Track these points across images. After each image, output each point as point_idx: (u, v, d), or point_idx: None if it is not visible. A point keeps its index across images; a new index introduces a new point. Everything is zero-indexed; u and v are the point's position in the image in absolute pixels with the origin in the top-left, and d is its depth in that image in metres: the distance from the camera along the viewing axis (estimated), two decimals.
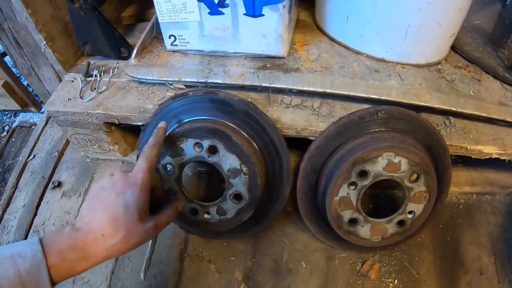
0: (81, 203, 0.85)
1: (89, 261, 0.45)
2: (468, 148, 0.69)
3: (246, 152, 0.59)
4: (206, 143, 0.60)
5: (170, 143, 0.61)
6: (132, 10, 0.96)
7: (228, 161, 0.61)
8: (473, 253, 0.77)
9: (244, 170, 0.61)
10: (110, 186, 0.49)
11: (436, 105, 0.67)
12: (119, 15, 0.95)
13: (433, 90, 0.68)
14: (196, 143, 0.61)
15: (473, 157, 0.71)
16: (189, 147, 0.61)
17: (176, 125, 0.64)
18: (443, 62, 0.75)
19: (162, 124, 0.59)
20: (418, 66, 0.71)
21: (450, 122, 0.70)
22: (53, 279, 0.42)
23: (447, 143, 0.67)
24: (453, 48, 0.79)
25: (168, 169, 0.64)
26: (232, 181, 0.62)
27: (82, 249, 0.44)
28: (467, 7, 0.66)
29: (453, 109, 0.67)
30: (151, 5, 0.96)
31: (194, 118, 0.63)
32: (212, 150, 0.61)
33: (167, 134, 0.63)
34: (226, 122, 0.63)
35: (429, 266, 0.75)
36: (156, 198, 0.56)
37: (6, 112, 1.17)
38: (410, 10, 0.63)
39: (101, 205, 0.47)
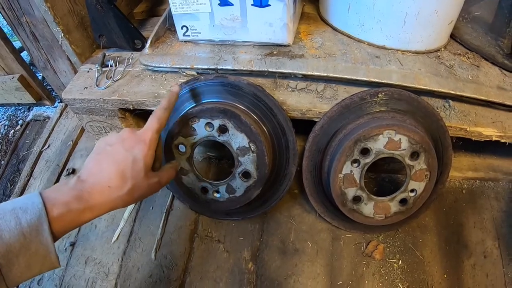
0: None
1: (94, 211, 0.48)
2: (468, 129, 0.76)
3: (254, 130, 0.68)
4: (216, 122, 0.68)
5: (183, 123, 0.70)
6: (144, 6, 1.06)
7: (237, 139, 0.69)
8: (477, 237, 0.83)
9: (252, 148, 0.69)
10: (118, 142, 0.53)
11: (435, 88, 0.74)
12: (131, 11, 1.06)
13: (432, 74, 0.75)
14: (208, 123, 0.69)
15: (473, 139, 0.77)
16: (201, 127, 0.69)
17: (189, 107, 0.73)
18: (443, 49, 0.82)
19: (175, 88, 0.62)
20: (417, 53, 0.79)
21: (449, 105, 0.77)
22: (56, 230, 0.44)
23: (446, 125, 0.74)
24: (453, 37, 0.86)
25: (181, 148, 0.72)
26: (241, 159, 0.70)
27: (87, 200, 0.47)
28: None
29: (452, 92, 0.74)
30: (162, 2, 1.08)
31: (206, 100, 0.72)
32: (222, 129, 0.69)
33: (180, 115, 0.71)
34: (236, 104, 0.71)
35: (433, 248, 0.81)
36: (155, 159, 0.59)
37: (20, 107, 1.27)
38: None
39: (108, 159, 0.51)
